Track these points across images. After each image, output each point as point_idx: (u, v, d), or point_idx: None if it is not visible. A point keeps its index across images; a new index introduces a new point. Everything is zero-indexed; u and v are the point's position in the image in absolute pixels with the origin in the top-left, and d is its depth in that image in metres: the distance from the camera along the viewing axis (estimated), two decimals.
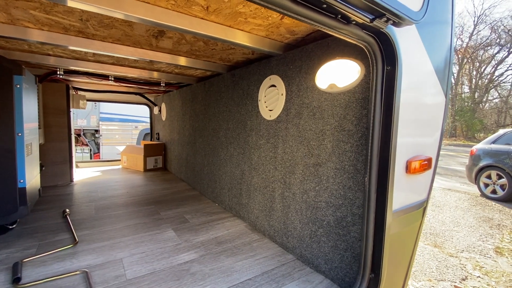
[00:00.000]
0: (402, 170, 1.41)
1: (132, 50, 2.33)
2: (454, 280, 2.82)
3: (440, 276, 2.88)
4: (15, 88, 2.02)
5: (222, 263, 1.93)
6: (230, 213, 2.95)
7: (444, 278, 2.85)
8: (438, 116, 1.63)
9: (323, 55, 1.76)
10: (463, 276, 2.90)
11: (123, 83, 4.08)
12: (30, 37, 1.95)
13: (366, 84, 1.49)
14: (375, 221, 1.39)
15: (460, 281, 2.81)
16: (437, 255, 3.35)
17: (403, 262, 1.65)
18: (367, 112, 1.49)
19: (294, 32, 1.83)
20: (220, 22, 1.71)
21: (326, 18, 1.02)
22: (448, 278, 2.86)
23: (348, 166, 1.60)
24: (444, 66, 1.59)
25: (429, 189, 1.66)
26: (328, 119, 1.73)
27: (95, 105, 10.92)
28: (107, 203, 3.18)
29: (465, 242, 3.75)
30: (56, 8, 1.57)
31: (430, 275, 2.90)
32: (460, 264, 3.16)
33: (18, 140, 2.06)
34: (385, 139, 1.33)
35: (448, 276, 2.90)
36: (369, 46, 1.23)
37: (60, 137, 3.93)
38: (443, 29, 1.56)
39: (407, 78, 1.33)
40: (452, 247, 3.59)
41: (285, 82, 2.11)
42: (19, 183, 2.09)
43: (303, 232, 1.95)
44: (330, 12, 1.01)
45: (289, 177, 2.08)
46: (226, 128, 3.01)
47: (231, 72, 2.90)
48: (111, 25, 1.81)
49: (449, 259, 3.27)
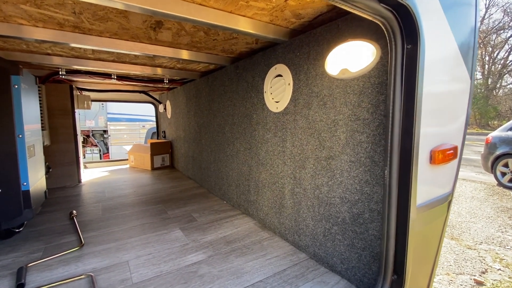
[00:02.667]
0: (425, 161, 1.27)
1: (131, 45, 2.23)
2: (473, 273, 2.67)
3: (458, 270, 2.73)
4: (13, 89, 1.96)
5: (231, 263, 1.84)
6: (239, 211, 2.86)
7: (463, 271, 2.70)
8: (463, 100, 1.47)
9: (333, 38, 1.62)
10: (482, 269, 2.74)
11: (126, 81, 4.01)
12: (25, 34, 1.88)
13: (383, 67, 1.34)
14: (397, 218, 1.26)
15: (479, 274, 2.66)
16: (455, 248, 3.19)
17: (427, 261, 1.52)
18: (384, 98, 1.35)
19: (300, 16, 1.69)
20: (220, 8, 1.58)
21: None
22: (467, 271, 2.71)
23: (364, 159, 1.47)
24: (468, 47, 1.43)
25: (454, 180, 1.52)
26: (341, 107, 1.60)
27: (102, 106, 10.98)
28: (114, 203, 3.14)
29: (483, 233, 3.58)
30: (47, 1, 1.48)
31: (448, 268, 2.76)
32: (479, 256, 3.00)
33: (19, 142, 2.00)
34: (406, 127, 1.20)
35: (467, 269, 2.74)
36: (387, 21, 1.09)
37: (67, 138, 3.91)
38: (466, 11, 1.41)
39: (430, 57, 1.19)
40: (469, 239, 3.42)
41: (292, 70, 1.98)
42: (23, 186, 2.04)
43: (316, 230, 1.84)
44: None
45: (299, 172, 1.96)
46: (231, 123, 2.90)
47: (234, 64, 2.78)
48: (106, 17, 1.71)
49: (467, 251, 3.11)
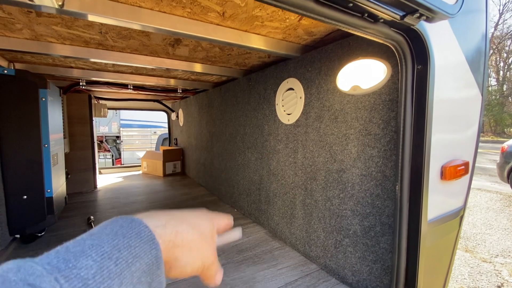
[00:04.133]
0: (436, 177, 1.30)
1: (150, 59, 2.35)
2: (488, 287, 2.61)
3: (473, 284, 2.67)
4: (41, 102, 2.09)
5: (244, 272, 1.88)
6: (250, 219, 2.90)
7: (478, 285, 2.64)
8: (474, 115, 1.50)
9: (344, 55, 1.68)
10: (498, 283, 2.67)
11: (141, 91, 4.17)
12: (53, 51, 2.02)
13: (394, 85, 1.39)
14: (408, 232, 1.29)
15: None
16: (469, 261, 3.12)
17: (439, 276, 1.52)
18: (395, 114, 1.39)
19: (312, 33, 1.76)
20: (236, 27, 1.67)
21: (351, 17, 0.95)
22: (482, 285, 2.64)
23: (375, 173, 1.51)
24: (478, 57, 1.45)
25: (466, 195, 1.53)
26: (352, 122, 1.64)
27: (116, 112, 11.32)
28: (129, 209, 3.24)
29: (499, 246, 3.47)
30: (77, 22, 1.61)
31: (462, 282, 2.70)
32: (495, 270, 2.92)
33: (44, 151, 2.13)
34: (417, 143, 1.23)
35: (481, 283, 2.68)
36: (398, 44, 1.14)
37: (84, 145, 4.07)
38: (476, 18, 1.43)
39: (439, 75, 1.23)
40: (485, 251, 3.33)
41: (304, 84, 2.04)
42: (47, 193, 2.16)
43: (327, 241, 1.87)
44: (356, 11, 0.94)
45: (310, 183, 2.00)
46: (243, 133, 2.97)
47: (247, 77, 2.86)
48: (129, 36, 1.83)
49: (482, 264, 3.03)
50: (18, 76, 2.01)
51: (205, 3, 1.35)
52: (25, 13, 1.46)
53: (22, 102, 2.02)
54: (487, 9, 1.48)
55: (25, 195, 2.08)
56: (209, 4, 1.36)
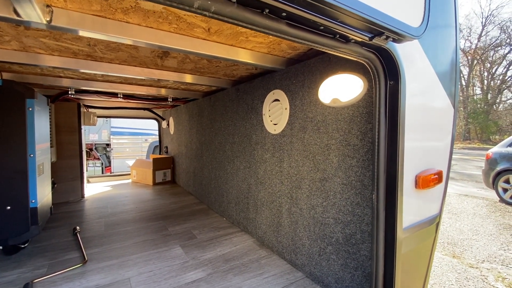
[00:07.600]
0: (411, 186, 1.37)
1: (139, 70, 2.39)
2: None
3: None
4: (28, 112, 2.09)
5: (230, 282, 1.89)
6: (238, 228, 2.92)
7: None
8: (446, 126, 1.59)
9: (325, 69, 1.76)
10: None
11: (131, 100, 4.18)
12: (41, 62, 2.03)
13: (370, 99, 1.47)
14: (385, 239, 1.34)
15: None
16: (456, 266, 3.19)
17: (417, 280, 1.58)
18: (371, 126, 1.47)
19: (295, 48, 1.84)
20: (222, 41, 1.74)
21: (324, 38, 1.02)
22: None
23: (355, 182, 1.57)
24: (448, 70, 1.55)
25: (441, 203, 1.60)
26: (333, 133, 1.71)
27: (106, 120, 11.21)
28: (116, 219, 3.21)
29: (486, 251, 3.57)
30: (65, 35, 1.64)
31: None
32: (481, 275, 3.00)
33: (30, 161, 2.12)
34: (391, 154, 1.30)
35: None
36: (370, 62, 1.22)
37: (72, 154, 4.03)
38: (446, 33, 1.53)
39: (411, 90, 1.31)
40: (471, 257, 3.42)
41: (289, 96, 2.11)
42: (31, 203, 2.14)
43: (312, 249, 1.91)
44: (328, 32, 1.01)
45: (295, 192, 2.05)
46: (232, 142, 3.02)
47: (235, 87, 2.93)
48: (118, 48, 1.87)
49: (469, 270, 3.10)
50: (5, 86, 2.01)
51: (190, 19, 1.41)
52: (13, 26, 1.49)
53: (8, 112, 2.02)
54: (457, 23, 1.58)
55: (9, 206, 2.05)
56: (195, 20, 1.42)
